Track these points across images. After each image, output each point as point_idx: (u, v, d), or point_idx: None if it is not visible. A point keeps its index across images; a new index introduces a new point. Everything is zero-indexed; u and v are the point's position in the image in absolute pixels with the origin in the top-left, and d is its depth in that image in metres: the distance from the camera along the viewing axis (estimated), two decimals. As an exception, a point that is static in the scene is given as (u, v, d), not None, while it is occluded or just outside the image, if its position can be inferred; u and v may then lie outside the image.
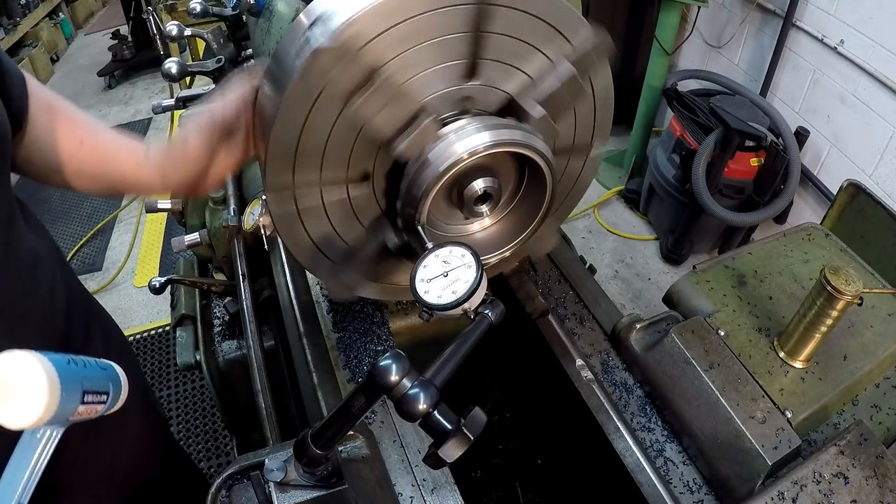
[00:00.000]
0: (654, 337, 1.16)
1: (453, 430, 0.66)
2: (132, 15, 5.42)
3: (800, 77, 3.11)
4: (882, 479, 0.89)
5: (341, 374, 1.19)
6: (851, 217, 1.40)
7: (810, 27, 2.95)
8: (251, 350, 1.38)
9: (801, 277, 1.22)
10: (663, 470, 1.04)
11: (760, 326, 1.13)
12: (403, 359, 0.67)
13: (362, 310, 1.29)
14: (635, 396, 1.15)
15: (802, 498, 0.88)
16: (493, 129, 0.85)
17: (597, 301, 1.34)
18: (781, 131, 2.99)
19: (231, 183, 1.82)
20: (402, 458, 1.04)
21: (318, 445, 0.77)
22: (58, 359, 0.58)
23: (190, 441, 2.75)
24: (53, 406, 0.56)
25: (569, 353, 1.22)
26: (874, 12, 2.61)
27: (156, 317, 3.37)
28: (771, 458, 0.93)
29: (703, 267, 1.25)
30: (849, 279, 0.94)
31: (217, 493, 0.89)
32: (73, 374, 0.60)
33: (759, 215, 3.02)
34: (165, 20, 3.89)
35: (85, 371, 0.63)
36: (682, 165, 3.16)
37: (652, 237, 3.69)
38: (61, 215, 4.16)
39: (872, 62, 2.66)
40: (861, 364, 1.08)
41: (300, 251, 0.98)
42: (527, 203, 1.00)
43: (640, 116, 3.77)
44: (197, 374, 2.54)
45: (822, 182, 3.09)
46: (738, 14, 3.40)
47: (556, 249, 1.46)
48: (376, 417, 1.09)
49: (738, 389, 1.01)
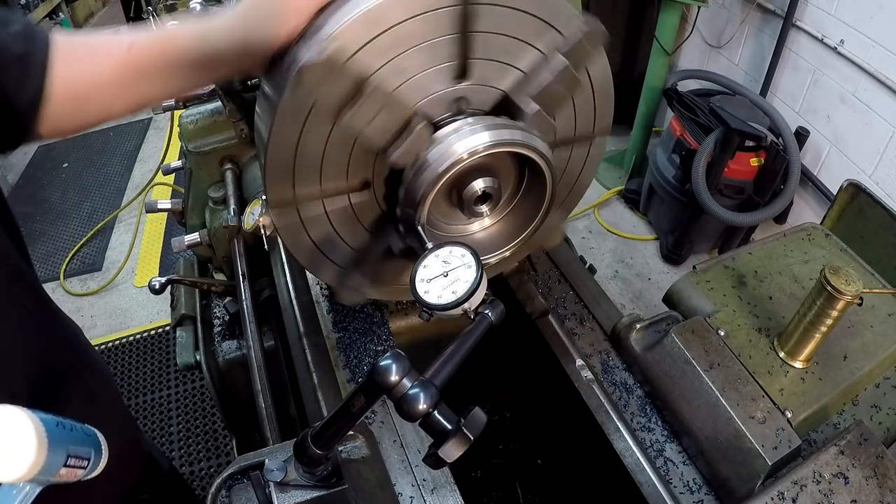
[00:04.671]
0: (654, 337, 1.16)
1: (453, 430, 0.66)
2: (132, 15, 5.42)
3: (800, 77, 3.11)
4: (882, 479, 0.89)
5: (341, 374, 1.19)
6: (851, 217, 1.40)
7: (810, 27, 2.96)
8: (251, 350, 1.38)
9: (801, 277, 1.22)
10: (663, 470, 1.04)
11: (760, 326, 1.13)
12: (403, 359, 0.67)
13: (362, 310, 1.29)
14: (635, 396, 1.15)
15: (802, 498, 0.88)
16: (488, 129, 0.84)
17: (597, 301, 1.34)
18: (781, 131, 2.99)
19: (231, 183, 1.82)
20: (402, 458, 1.04)
21: (318, 445, 0.77)
22: (48, 419, 0.60)
23: (190, 441, 2.75)
24: (39, 464, 0.57)
25: (569, 353, 1.22)
26: (874, 12, 2.61)
27: (156, 317, 3.38)
28: (771, 458, 0.93)
29: (703, 267, 1.25)
30: (849, 279, 0.94)
31: (217, 493, 0.89)
32: (60, 436, 0.61)
33: (759, 215, 3.02)
34: (165, 20, 3.89)
35: (71, 434, 0.64)
36: (682, 165, 3.16)
37: (652, 237, 3.69)
38: (61, 215, 4.16)
39: (872, 62, 2.66)
40: (861, 364, 1.08)
41: (307, 259, 0.99)
42: (527, 203, 1.00)
43: (640, 116, 3.77)
44: (197, 374, 2.54)
45: (822, 182, 3.09)
46: (738, 14, 3.40)
47: (556, 249, 1.46)
48: (376, 417, 1.09)
49: (738, 389, 1.01)
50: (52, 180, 4.50)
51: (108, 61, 0.81)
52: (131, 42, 0.81)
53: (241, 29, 0.81)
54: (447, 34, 0.81)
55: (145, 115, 5.16)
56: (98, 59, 0.81)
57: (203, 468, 2.65)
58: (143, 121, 5.11)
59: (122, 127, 5.06)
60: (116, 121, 4.05)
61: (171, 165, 2.18)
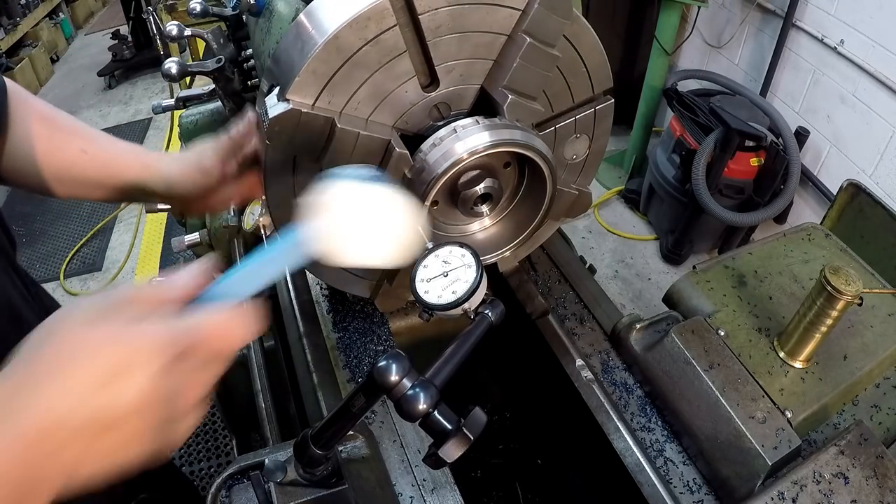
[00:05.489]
0: (654, 337, 1.16)
1: (453, 430, 0.66)
2: (132, 15, 5.42)
3: (800, 77, 3.11)
4: (882, 479, 0.89)
5: (341, 374, 1.19)
6: (851, 217, 1.40)
7: (810, 27, 2.95)
8: (251, 350, 1.38)
9: (801, 277, 1.22)
10: (663, 470, 1.04)
11: (760, 326, 1.13)
12: (403, 359, 0.67)
13: (362, 310, 1.29)
14: (635, 396, 1.15)
15: (802, 498, 0.88)
16: (488, 129, 0.84)
17: (597, 301, 1.34)
18: (781, 131, 2.99)
19: (231, 183, 1.82)
20: (402, 458, 1.04)
21: (318, 445, 0.77)
22: None
23: (190, 441, 2.75)
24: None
25: (569, 353, 1.22)
26: (874, 12, 2.61)
27: (156, 317, 3.37)
28: (771, 458, 0.93)
29: (703, 267, 1.25)
30: (849, 279, 0.94)
31: (217, 493, 0.89)
32: None
33: (759, 215, 3.02)
34: (165, 20, 3.89)
35: None
36: (682, 165, 3.16)
37: (652, 237, 3.69)
38: (61, 215, 4.16)
39: (872, 62, 2.66)
40: (861, 364, 1.08)
41: (333, 279, 1.03)
42: (527, 203, 1.00)
43: (640, 116, 3.77)
44: (197, 374, 2.53)
45: (822, 182, 3.09)
46: (738, 14, 3.40)
47: (556, 249, 1.46)
48: (376, 417, 1.09)
49: (738, 389, 1.01)
50: (52, 180, 4.50)
51: (59, 154, 0.91)
52: (83, 147, 0.93)
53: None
54: (401, 52, 0.81)
55: (145, 116, 5.17)
56: (53, 146, 0.91)
57: (203, 468, 2.65)
58: (143, 121, 5.12)
59: (122, 127, 5.06)
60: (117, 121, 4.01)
61: (172, 165, 2.17)
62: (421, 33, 0.80)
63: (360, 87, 0.81)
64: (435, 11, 0.79)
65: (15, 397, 0.44)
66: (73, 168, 0.93)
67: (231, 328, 0.54)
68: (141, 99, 5.46)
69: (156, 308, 0.51)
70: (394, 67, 0.82)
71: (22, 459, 0.43)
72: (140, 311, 0.50)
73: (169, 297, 0.53)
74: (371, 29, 0.77)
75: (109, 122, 5.14)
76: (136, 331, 0.48)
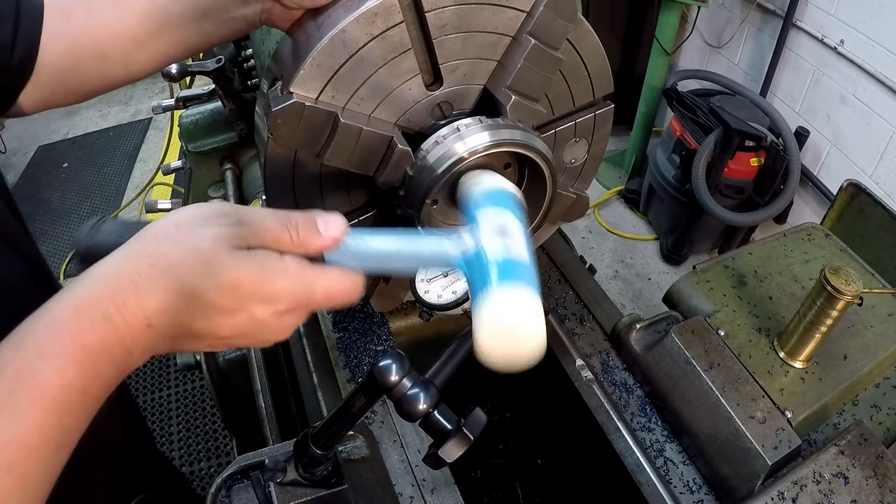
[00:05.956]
0: (654, 337, 1.16)
1: (453, 430, 0.66)
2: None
3: (800, 77, 3.11)
4: (882, 479, 0.89)
5: (341, 374, 1.19)
6: (851, 217, 1.40)
7: (810, 27, 2.95)
8: (251, 350, 1.38)
9: (801, 277, 1.22)
10: (663, 470, 1.04)
11: (760, 326, 1.13)
12: (403, 359, 0.67)
13: (362, 310, 1.29)
14: (635, 396, 1.15)
15: (802, 498, 0.88)
16: (488, 129, 0.84)
17: (597, 301, 1.34)
18: (781, 131, 2.99)
19: (231, 183, 1.82)
20: (402, 458, 1.04)
21: (318, 445, 0.77)
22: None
23: (190, 441, 2.75)
24: None
25: (569, 353, 1.22)
26: (874, 12, 2.61)
27: (156, 317, 3.37)
28: (771, 458, 0.93)
29: (703, 267, 1.25)
30: (849, 279, 0.94)
31: (217, 492, 0.89)
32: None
33: (759, 215, 3.02)
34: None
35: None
36: (682, 165, 3.16)
37: (652, 237, 3.69)
38: (61, 215, 4.16)
39: (872, 62, 2.66)
40: (861, 364, 1.08)
41: None
42: (526, 204, 1.00)
43: (640, 116, 3.77)
44: (197, 374, 2.54)
45: (822, 182, 3.09)
46: (738, 14, 3.40)
47: (557, 249, 1.46)
48: (376, 417, 1.09)
49: (738, 389, 1.01)
50: (52, 180, 4.50)
51: (132, 10, 0.81)
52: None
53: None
54: (406, 49, 0.81)
55: (145, 115, 5.16)
56: (120, 9, 0.81)
57: (203, 468, 2.65)
58: (143, 121, 5.12)
59: (122, 127, 5.06)
60: (117, 121, 4.03)
61: (172, 165, 2.18)
62: (427, 31, 0.80)
63: (363, 83, 0.81)
64: (441, 10, 0.79)
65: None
66: (150, 19, 0.81)
67: (341, 297, 0.57)
68: (141, 99, 5.46)
69: (294, 249, 0.55)
70: (398, 64, 0.81)
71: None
72: (280, 248, 0.55)
73: (308, 248, 0.56)
74: (378, 25, 0.77)
75: (110, 122, 5.13)
76: (274, 272, 0.53)
